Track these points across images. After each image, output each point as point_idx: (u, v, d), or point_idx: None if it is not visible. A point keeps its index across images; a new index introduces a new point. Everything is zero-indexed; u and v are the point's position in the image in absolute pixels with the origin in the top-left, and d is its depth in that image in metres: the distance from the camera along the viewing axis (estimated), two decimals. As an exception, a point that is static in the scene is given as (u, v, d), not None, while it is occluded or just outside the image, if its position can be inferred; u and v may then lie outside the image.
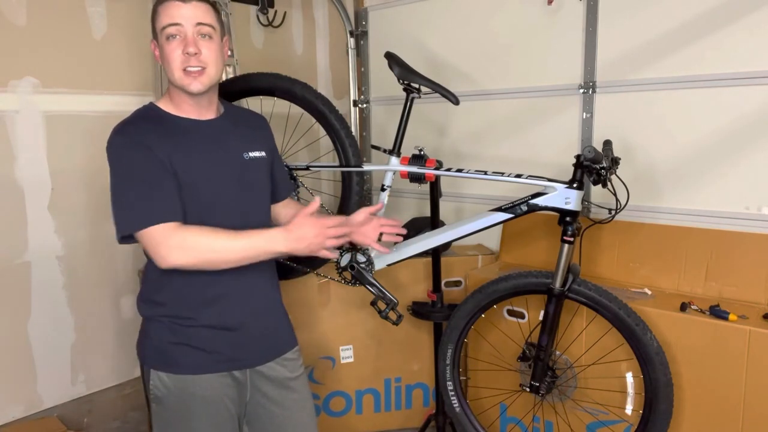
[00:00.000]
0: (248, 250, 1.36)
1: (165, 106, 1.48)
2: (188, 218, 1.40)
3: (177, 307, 1.44)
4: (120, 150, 1.37)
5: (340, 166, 2.10)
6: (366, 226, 1.67)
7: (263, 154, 1.57)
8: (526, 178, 1.86)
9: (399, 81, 2.07)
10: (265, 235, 1.39)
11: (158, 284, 1.45)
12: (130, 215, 1.34)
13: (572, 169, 1.81)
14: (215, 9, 1.46)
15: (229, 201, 1.47)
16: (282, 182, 1.70)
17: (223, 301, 1.46)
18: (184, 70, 1.39)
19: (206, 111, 1.49)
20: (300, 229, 1.39)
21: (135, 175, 1.34)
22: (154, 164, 1.35)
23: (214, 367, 1.46)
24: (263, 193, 1.58)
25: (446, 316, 2.24)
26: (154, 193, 1.34)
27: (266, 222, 1.59)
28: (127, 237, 1.36)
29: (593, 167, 1.77)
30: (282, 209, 1.71)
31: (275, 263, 1.63)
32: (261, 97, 2.09)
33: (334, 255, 1.49)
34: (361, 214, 1.66)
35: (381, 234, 1.71)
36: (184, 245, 1.32)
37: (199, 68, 1.40)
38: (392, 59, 2.08)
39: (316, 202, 1.43)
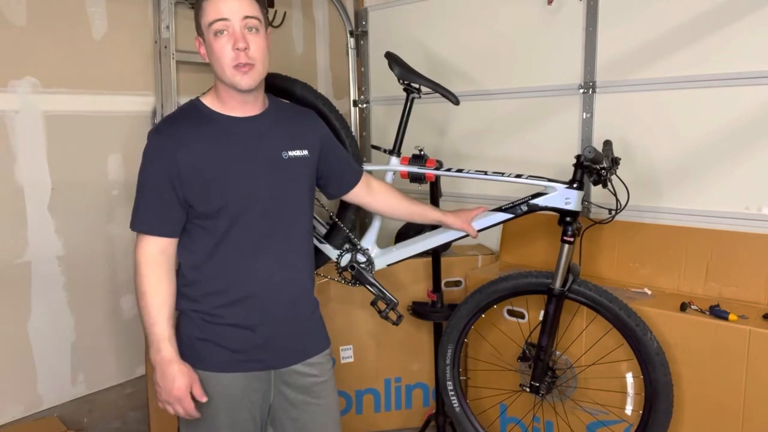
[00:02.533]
0: (144, 318, 1.41)
1: (210, 102, 1.47)
2: (219, 214, 1.42)
3: (205, 304, 1.45)
4: (148, 151, 1.42)
5: (340, 166, 2.10)
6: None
7: (305, 152, 1.53)
8: (526, 178, 1.86)
9: (399, 81, 2.07)
10: (154, 337, 1.39)
11: (190, 279, 1.46)
12: (134, 215, 1.43)
13: (572, 169, 1.81)
14: (259, 1, 1.44)
15: (262, 201, 1.45)
16: (345, 169, 1.70)
17: (252, 301, 1.46)
18: (235, 66, 1.39)
19: (252, 107, 1.48)
20: (163, 374, 1.38)
21: (145, 182, 1.42)
22: (161, 180, 1.40)
23: (238, 367, 1.46)
24: (301, 194, 1.54)
25: (446, 316, 2.24)
26: (148, 205, 1.42)
27: (305, 224, 1.56)
28: None
29: (593, 167, 1.77)
30: (370, 193, 1.75)
31: (312, 265, 1.61)
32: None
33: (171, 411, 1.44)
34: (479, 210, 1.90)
35: None
36: (138, 259, 1.42)
37: (249, 64, 1.39)
38: (392, 59, 2.08)
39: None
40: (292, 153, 1.51)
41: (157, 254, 1.42)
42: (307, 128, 1.59)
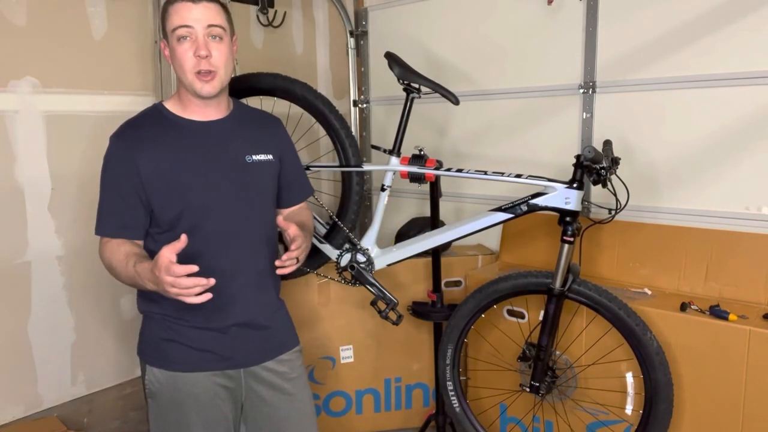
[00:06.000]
0: (128, 279, 1.38)
1: (172, 106, 1.48)
2: (180, 220, 1.42)
3: (168, 306, 1.45)
4: (108, 156, 1.44)
5: (340, 166, 2.10)
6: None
7: (270, 157, 1.55)
8: (526, 178, 1.86)
9: (399, 81, 2.07)
10: (140, 272, 1.30)
11: None
12: (98, 220, 1.46)
13: (572, 169, 1.81)
14: (225, 9, 1.46)
15: (224, 204, 1.46)
16: (292, 187, 1.66)
17: (214, 303, 1.42)
18: (197, 73, 1.40)
19: (214, 111, 1.49)
20: (154, 270, 1.24)
21: (103, 187, 1.44)
22: (120, 182, 1.41)
23: (205, 366, 1.47)
24: (265, 198, 1.55)
25: (446, 316, 2.24)
26: (110, 209, 1.44)
27: (268, 227, 1.57)
28: None
29: (593, 167, 1.77)
30: (291, 217, 1.66)
31: (273, 263, 1.62)
32: (261, 97, 2.09)
33: (192, 299, 1.24)
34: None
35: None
36: (101, 258, 1.45)
37: (211, 71, 1.40)
38: (392, 59, 2.08)
39: (182, 241, 1.23)
40: (256, 157, 1.52)
41: (108, 241, 1.45)
42: (271, 133, 1.60)
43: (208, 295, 1.24)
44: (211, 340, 1.47)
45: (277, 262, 1.42)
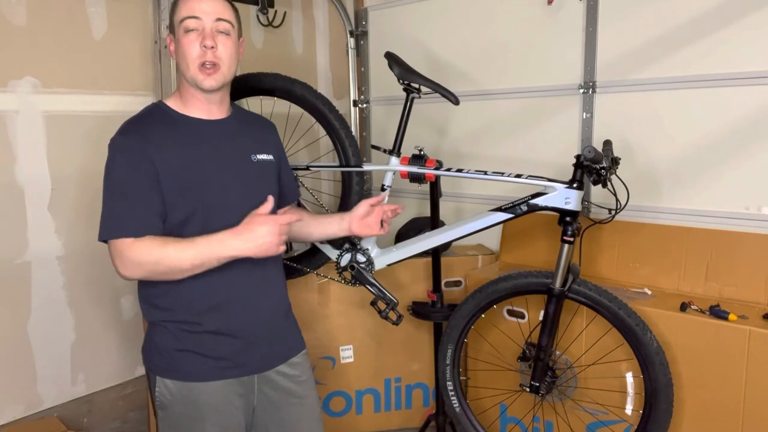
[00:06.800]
0: (196, 258, 1.32)
1: (174, 104, 1.46)
2: (191, 219, 1.39)
3: (182, 313, 1.41)
4: (115, 153, 1.37)
5: (340, 166, 2.10)
6: (368, 217, 1.70)
7: (271, 157, 1.55)
8: (526, 178, 1.86)
9: (399, 81, 2.07)
10: (213, 241, 1.33)
11: (162, 289, 1.41)
12: (104, 224, 1.36)
13: (572, 169, 1.81)
14: (235, 9, 1.46)
15: (234, 202, 1.44)
16: (286, 189, 1.67)
17: (229, 307, 1.44)
18: (201, 65, 1.38)
19: (217, 110, 1.48)
20: (249, 229, 1.35)
21: (117, 186, 1.35)
22: (140, 176, 1.34)
23: (220, 374, 1.44)
24: (270, 195, 1.55)
25: (446, 316, 2.24)
26: (127, 208, 1.34)
27: None
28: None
29: (593, 167, 1.77)
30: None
31: (282, 265, 1.62)
32: (261, 97, 2.09)
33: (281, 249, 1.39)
34: (363, 206, 1.69)
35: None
36: (135, 260, 1.32)
37: (214, 64, 1.39)
38: (392, 59, 2.08)
39: (269, 203, 1.42)
40: (260, 156, 1.52)
41: (134, 241, 1.34)
42: (269, 135, 1.62)
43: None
44: (226, 346, 1.44)
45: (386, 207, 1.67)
